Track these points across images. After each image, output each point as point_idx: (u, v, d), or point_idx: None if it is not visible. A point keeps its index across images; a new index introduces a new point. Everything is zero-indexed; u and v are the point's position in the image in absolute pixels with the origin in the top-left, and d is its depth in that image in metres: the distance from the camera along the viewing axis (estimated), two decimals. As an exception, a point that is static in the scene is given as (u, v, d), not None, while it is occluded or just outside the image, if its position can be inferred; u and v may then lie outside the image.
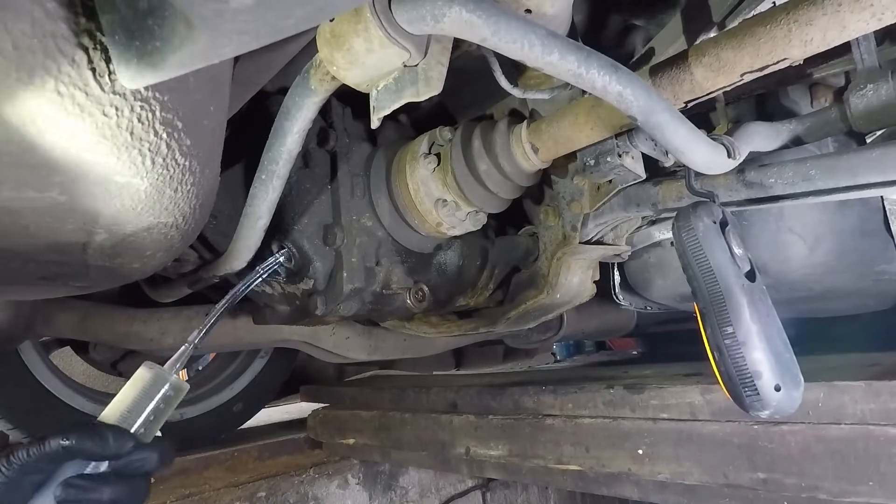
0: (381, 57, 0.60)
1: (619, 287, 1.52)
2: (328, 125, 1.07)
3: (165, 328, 1.51)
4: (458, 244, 1.23)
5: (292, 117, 0.74)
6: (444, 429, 1.46)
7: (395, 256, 1.11)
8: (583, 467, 1.17)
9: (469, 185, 0.98)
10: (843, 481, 0.85)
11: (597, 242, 1.11)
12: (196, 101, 0.54)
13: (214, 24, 0.37)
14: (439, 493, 1.92)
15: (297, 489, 1.68)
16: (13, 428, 1.61)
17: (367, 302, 1.08)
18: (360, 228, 1.07)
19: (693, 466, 1.00)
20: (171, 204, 0.59)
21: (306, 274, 1.05)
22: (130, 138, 0.47)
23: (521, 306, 1.15)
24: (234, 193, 1.01)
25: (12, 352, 1.61)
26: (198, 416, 1.95)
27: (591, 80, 0.61)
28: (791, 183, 0.82)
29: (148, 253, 0.68)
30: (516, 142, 0.94)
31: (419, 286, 1.14)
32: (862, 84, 0.87)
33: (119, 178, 0.51)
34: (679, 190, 0.94)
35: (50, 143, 0.45)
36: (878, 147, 0.76)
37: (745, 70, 0.70)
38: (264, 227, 0.89)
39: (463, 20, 0.54)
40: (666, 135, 0.68)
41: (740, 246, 0.70)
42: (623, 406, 1.12)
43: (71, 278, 0.73)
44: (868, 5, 0.59)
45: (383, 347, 1.75)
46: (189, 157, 0.56)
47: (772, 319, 0.67)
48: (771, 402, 0.63)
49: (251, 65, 0.80)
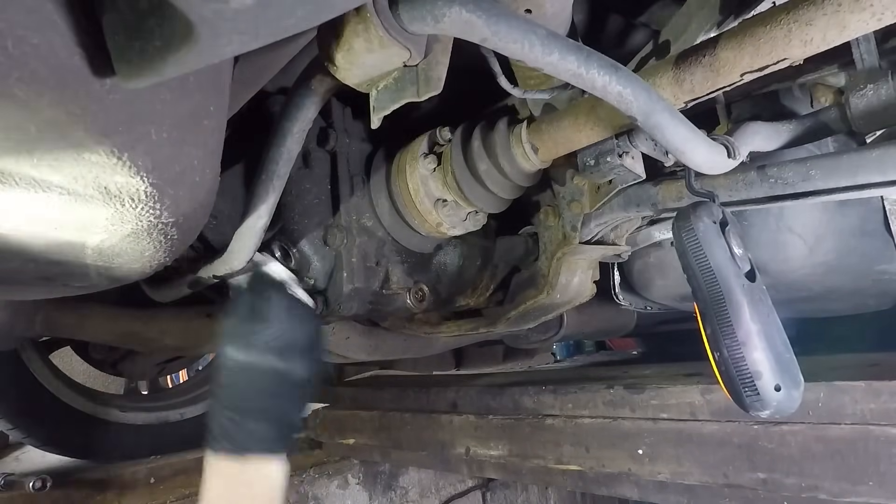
0: (381, 57, 0.60)
1: (619, 287, 1.52)
2: (328, 125, 1.07)
3: (165, 328, 1.51)
4: (459, 244, 1.23)
5: (292, 117, 0.74)
6: (444, 429, 1.46)
7: (395, 256, 1.11)
8: (583, 467, 1.17)
9: (469, 185, 0.98)
10: (843, 481, 0.85)
11: (597, 242, 1.11)
12: (196, 101, 0.54)
13: (214, 24, 0.37)
14: (439, 493, 1.92)
15: (297, 489, 1.68)
16: (13, 428, 1.61)
17: (367, 302, 1.08)
18: (360, 228, 1.07)
19: (693, 466, 1.00)
20: (171, 204, 0.59)
21: (306, 274, 1.05)
22: (130, 138, 0.47)
23: (521, 306, 1.15)
24: (234, 193, 1.01)
25: (12, 352, 1.61)
26: (198, 416, 1.95)
27: (591, 80, 0.61)
28: (791, 183, 0.82)
29: (147, 253, 0.68)
30: (516, 142, 0.94)
31: (419, 286, 1.14)
32: (862, 84, 0.86)
33: (119, 177, 0.51)
34: (679, 190, 0.94)
35: (50, 142, 0.45)
36: (878, 147, 0.76)
37: (745, 70, 0.70)
38: (264, 227, 0.89)
39: (463, 20, 0.54)
40: (666, 135, 0.68)
41: (740, 246, 0.70)
42: (623, 406, 1.12)
43: (71, 278, 0.73)
44: (868, 5, 0.59)
45: (383, 347, 1.74)
46: (189, 157, 0.56)
47: (772, 319, 0.67)
48: (771, 402, 0.63)
49: (251, 65, 0.79)
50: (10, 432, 1.63)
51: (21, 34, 0.38)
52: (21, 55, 0.39)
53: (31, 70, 0.40)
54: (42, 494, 1.35)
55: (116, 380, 2.38)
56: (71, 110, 0.43)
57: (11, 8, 0.37)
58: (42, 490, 1.29)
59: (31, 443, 1.67)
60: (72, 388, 1.73)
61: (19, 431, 1.62)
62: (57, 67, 0.40)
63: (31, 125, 0.43)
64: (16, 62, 0.39)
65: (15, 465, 1.89)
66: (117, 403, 1.82)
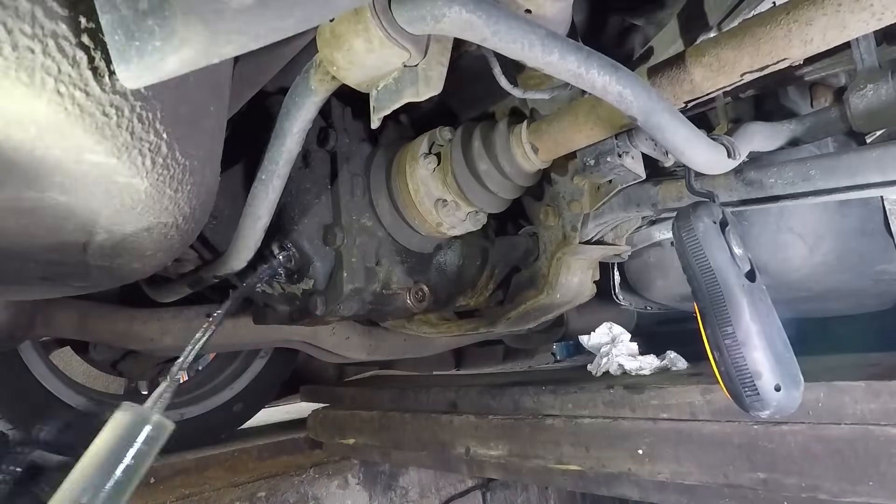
0: (381, 57, 0.61)
1: (619, 287, 1.52)
2: (328, 125, 1.07)
3: (165, 328, 1.51)
4: (458, 244, 1.23)
5: (292, 117, 0.74)
6: (444, 429, 1.46)
7: (395, 256, 1.11)
8: (583, 467, 1.17)
9: (469, 185, 0.98)
10: (843, 481, 0.85)
11: (597, 242, 1.11)
12: (196, 101, 0.54)
13: (214, 24, 0.37)
14: (439, 493, 1.92)
15: (297, 489, 1.68)
16: (13, 428, 1.61)
17: (367, 302, 1.08)
18: (360, 228, 1.07)
19: (693, 466, 1.00)
20: (171, 204, 0.59)
21: (306, 274, 1.05)
22: (131, 138, 0.47)
23: (521, 306, 1.15)
24: (234, 193, 1.01)
25: (12, 352, 1.61)
26: (198, 416, 1.95)
27: (591, 80, 0.61)
28: (791, 183, 0.82)
29: (148, 253, 0.68)
30: (516, 142, 0.94)
31: (419, 286, 1.14)
32: (862, 84, 0.87)
33: (119, 178, 0.51)
34: (679, 190, 0.94)
35: (50, 143, 0.45)
36: (878, 147, 0.76)
37: (745, 70, 0.70)
38: (264, 227, 0.89)
39: (463, 20, 0.54)
40: (666, 135, 0.68)
41: (740, 246, 0.70)
42: (623, 406, 1.12)
43: (71, 278, 0.73)
44: (868, 5, 0.59)
45: (383, 347, 1.75)
46: (189, 157, 0.56)
47: (772, 319, 0.67)
48: (771, 402, 0.63)
49: (251, 65, 0.80)
50: (10, 432, 1.63)
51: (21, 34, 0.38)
52: (21, 55, 0.39)
53: (31, 70, 0.40)
54: (42, 495, 1.35)
55: (116, 380, 2.38)
56: (71, 110, 0.43)
57: (11, 8, 0.37)
58: None
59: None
60: (72, 388, 1.73)
61: (19, 432, 1.62)
62: (57, 67, 0.40)
63: (31, 125, 0.43)
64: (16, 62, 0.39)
65: (15, 465, 1.89)
66: (117, 404, 1.82)
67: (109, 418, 0.65)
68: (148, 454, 0.64)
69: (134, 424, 0.64)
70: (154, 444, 0.65)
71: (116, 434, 0.64)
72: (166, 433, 0.66)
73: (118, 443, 0.63)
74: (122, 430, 0.64)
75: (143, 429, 0.64)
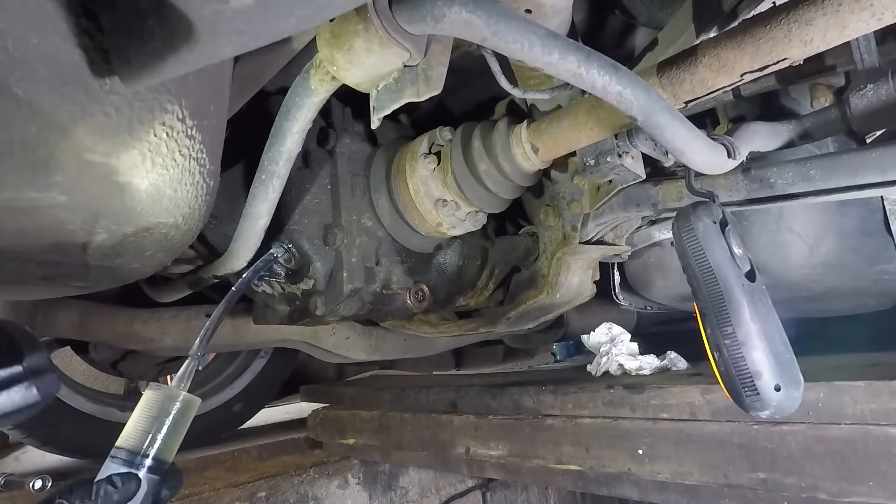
0: (381, 57, 0.60)
1: (619, 287, 1.52)
2: (328, 125, 1.07)
3: (165, 328, 1.51)
4: (458, 244, 1.23)
5: (292, 117, 0.74)
6: (444, 429, 1.46)
7: (395, 256, 1.11)
8: (583, 467, 1.17)
9: (469, 185, 0.98)
10: (843, 481, 0.85)
11: (597, 242, 1.11)
12: (196, 101, 0.54)
13: (214, 24, 0.37)
14: (439, 493, 1.92)
15: (297, 489, 1.68)
16: (13, 428, 1.61)
17: (367, 302, 1.08)
18: (360, 228, 1.07)
19: (693, 466, 1.00)
20: (171, 204, 0.59)
21: (306, 274, 1.05)
22: (130, 138, 0.48)
23: (521, 306, 1.15)
24: (234, 193, 1.01)
25: (12, 352, 1.61)
26: (197, 416, 1.95)
27: (591, 80, 0.61)
28: (791, 183, 0.82)
29: (148, 253, 0.68)
30: (516, 142, 0.94)
31: (419, 286, 1.14)
32: (862, 84, 0.87)
33: (119, 178, 0.51)
34: (679, 190, 0.94)
35: (50, 143, 0.45)
36: (878, 147, 0.76)
37: (745, 70, 0.70)
38: (264, 227, 0.89)
39: (463, 20, 0.54)
40: (666, 135, 0.68)
41: (740, 246, 0.70)
42: (623, 406, 1.12)
43: (71, 278, 0.73)
44: (868, 5, 0.59)
45: (383, 347, 1.74)
46: (189, 157, 0.56)
47: (772, 319, 0.67)
48: (771, 402, 0.63)
49: (251, 65, 0.79)
50: (10, 432, 1.63)
51: (21, 34, 0.38)
52: (21, 55, 0.39)
53: (32, 70, 0.40)
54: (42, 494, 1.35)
55: (116, 380, 2.38)
56: (71, 110, 0.43)
57: (12, 8, 0.37)
58: (42, 490, 1.29)
59: (31, 443, 1.67)
60: (72, 388, 1.73)
61: (19, 432, 1.62)
62: (57, 67, 0.40)
63: (31, 125, 0.43)
64: (16, 62, 0.39)
65: (15, 466, 1.90)
66: (117, 403, 1.82)
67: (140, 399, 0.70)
68: (181, 426, 0.71)
69: (166, 399, 0.70)
70: (185, 416, 0.72)
71: (149, 412, 0.70)
72: (194, 408, 0.73)
73: (151, 419, 0.70)
74: (155, 405, 0.70)
75: (174, 404, 0.70)
